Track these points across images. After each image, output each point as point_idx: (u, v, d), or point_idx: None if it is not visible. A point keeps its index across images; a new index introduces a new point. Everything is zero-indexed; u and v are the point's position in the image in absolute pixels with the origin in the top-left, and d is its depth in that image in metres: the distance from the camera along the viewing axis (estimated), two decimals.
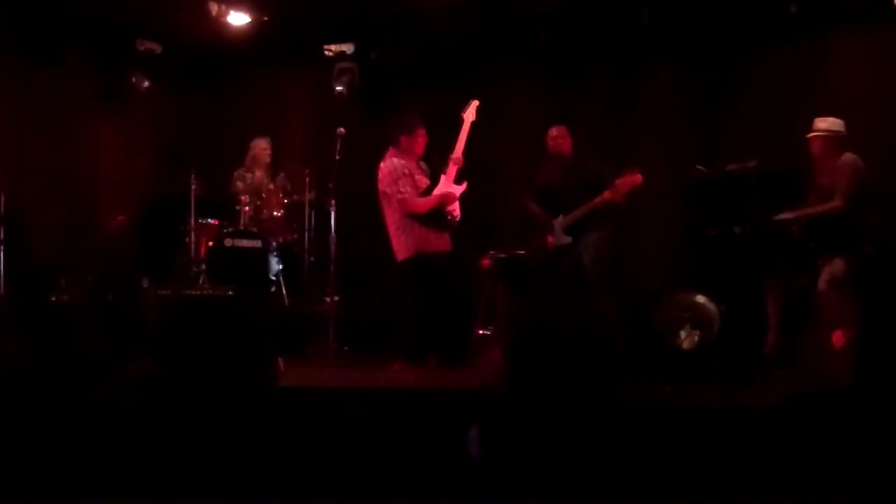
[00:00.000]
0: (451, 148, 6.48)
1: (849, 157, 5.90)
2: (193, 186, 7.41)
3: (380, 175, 6.42)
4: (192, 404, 4.83)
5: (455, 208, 6.42)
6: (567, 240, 6.72)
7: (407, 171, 6.35)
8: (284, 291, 7.36)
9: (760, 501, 4.48)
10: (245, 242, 7.20)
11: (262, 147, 7.87)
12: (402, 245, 6.41)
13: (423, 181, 6.51)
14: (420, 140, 6.48)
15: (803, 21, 7.03)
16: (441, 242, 6.42)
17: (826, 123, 6.00)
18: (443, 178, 6.42)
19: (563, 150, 6.85)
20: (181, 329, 5.19)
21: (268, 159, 7.86)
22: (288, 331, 6.67)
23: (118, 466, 4.57)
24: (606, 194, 6.52)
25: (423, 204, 6.36)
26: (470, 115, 6.54)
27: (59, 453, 4.58)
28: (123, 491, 4.49)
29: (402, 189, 6.31)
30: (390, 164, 6.38)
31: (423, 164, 6.59)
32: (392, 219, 6.42)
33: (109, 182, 8.03)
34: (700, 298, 6.47)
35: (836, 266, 5.71)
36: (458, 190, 6.42)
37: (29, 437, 4.64)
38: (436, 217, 6.36)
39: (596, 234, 6.67)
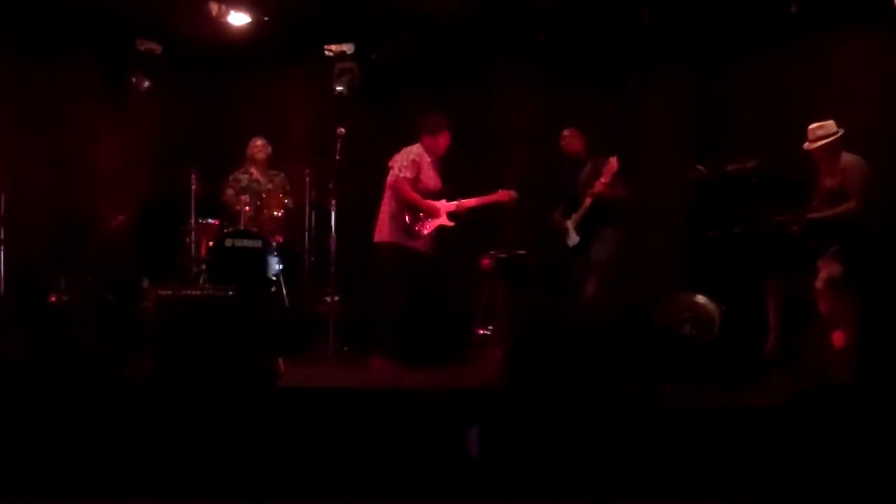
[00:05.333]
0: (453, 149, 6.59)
1: (854, 158, 5.89)
2: (193, 186, 7.41)
3: (397, 153, 6.67)
4: (192, 404, 4.83)
5: (429, 224, 6.61)
6: (576, 240, 6.79)
7: (417, 160, 6.58)
8: (284, 291, 7.35)
9: (761, 501, 4.48)
10: (245, 242, 7.19)
11: (256, 146, 7.85)
12: (383, 228, 6.62)
13: (435, 181, 6.63)
14: (442, 141, 6.70)
15: (803, 21, 7.02)
16: (420, 242, 6.59)
17: (823, 130, 5.96)
18: (443, 202, 6.69)
19: (573, 150, 6.93)
20: (181, 329, 5.19)
21: (263, 158, 7.85)
22: (288, 331, 6.66)
23: (118, 466, 4.57)
24: (596, 187, 6.62)
25: (412, 196, 6.54)
26: (504, 196, 6.81)
27: (59, 453, 4.58)
28: (124, 491, 4.49)
29: (402, 168, 6.54)
30: (410, 148, 6.65)
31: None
32: (388, 200, 6.61)
33: (109, 182, 8.01)
34: (700, 298, 6.48)
35: (835, 266, 5.70)
36: (445, 222, 6.67)
37: (29, 437, 4.64)
38: (411, 215, 6.55)
39: (608, 230, 6.74)
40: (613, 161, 6.58)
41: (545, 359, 5.07)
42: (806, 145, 6.00)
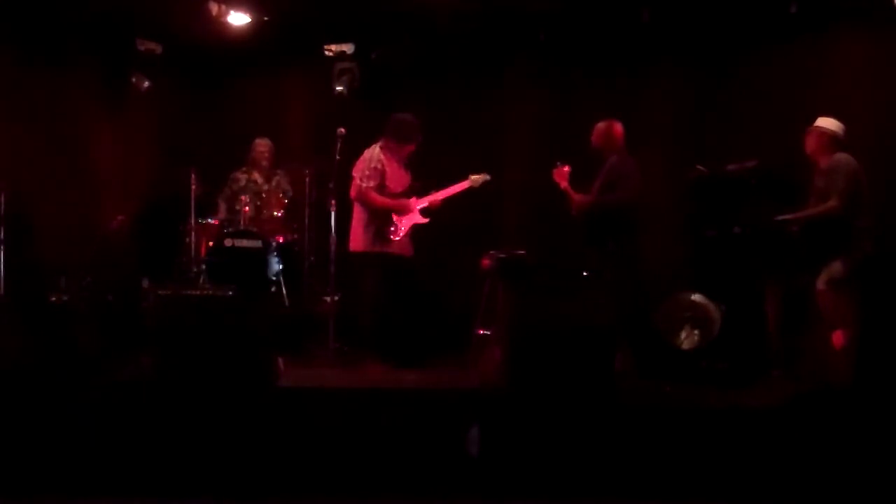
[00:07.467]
0: (446, 150, 6.57)
1: (841, 156, 5.89)
2: (193, 186, 7.41)
3: (359, 159, 6.62)
4: (192, 404, 4.83)
5: (403, 226, 6.60)
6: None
7: (380, 167, 6.55)
8: (284, 291, 7.36)
9: (760, 502, 4.49)
10: (245, 242, 7.20)
11: (259, 147, 7.87)
12: (357, 237, 6.62)
13: (402, 180, 6.63)
14: (410, 146, 6.68)
15: (803, 21, 7.02)
16: (396, 246, 6.58)
17: (825, 122, 6.00)
18: (414, 199, 6.66)
19: (595, 145, 6.63)
20: (181, 329, 5.20)
21: (266, 160, 7.86)
22: (288, 331, 6.67)
23: (118, 466, 4.57)
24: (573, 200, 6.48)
25: (379, 201, 6.55)
26: (475, 181, 6.75)
27: (59, 453, 4.59)
28: (123, 491, 4.49)
29: (364, 178, 6.54)
30: (370, 154, 6.61)
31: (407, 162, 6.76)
32: (358, 209, 6.63)
33: (109, 182, 8.01)
34: (700, 298, 6.47)
35: (835, 266, 5.71)
36: (418, 219, 6.66)
37: (29, 437, 4.64)
38: (382, 220, 6.55)
39: (621, 246, 6.46)
40: (565, 169, 6.43)
41: (545, 359, 5.07)
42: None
